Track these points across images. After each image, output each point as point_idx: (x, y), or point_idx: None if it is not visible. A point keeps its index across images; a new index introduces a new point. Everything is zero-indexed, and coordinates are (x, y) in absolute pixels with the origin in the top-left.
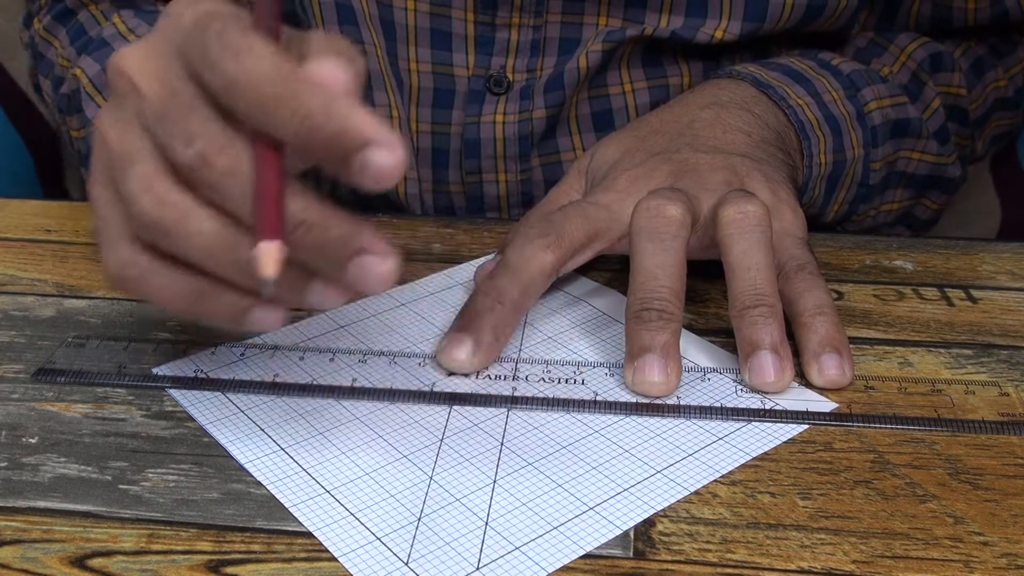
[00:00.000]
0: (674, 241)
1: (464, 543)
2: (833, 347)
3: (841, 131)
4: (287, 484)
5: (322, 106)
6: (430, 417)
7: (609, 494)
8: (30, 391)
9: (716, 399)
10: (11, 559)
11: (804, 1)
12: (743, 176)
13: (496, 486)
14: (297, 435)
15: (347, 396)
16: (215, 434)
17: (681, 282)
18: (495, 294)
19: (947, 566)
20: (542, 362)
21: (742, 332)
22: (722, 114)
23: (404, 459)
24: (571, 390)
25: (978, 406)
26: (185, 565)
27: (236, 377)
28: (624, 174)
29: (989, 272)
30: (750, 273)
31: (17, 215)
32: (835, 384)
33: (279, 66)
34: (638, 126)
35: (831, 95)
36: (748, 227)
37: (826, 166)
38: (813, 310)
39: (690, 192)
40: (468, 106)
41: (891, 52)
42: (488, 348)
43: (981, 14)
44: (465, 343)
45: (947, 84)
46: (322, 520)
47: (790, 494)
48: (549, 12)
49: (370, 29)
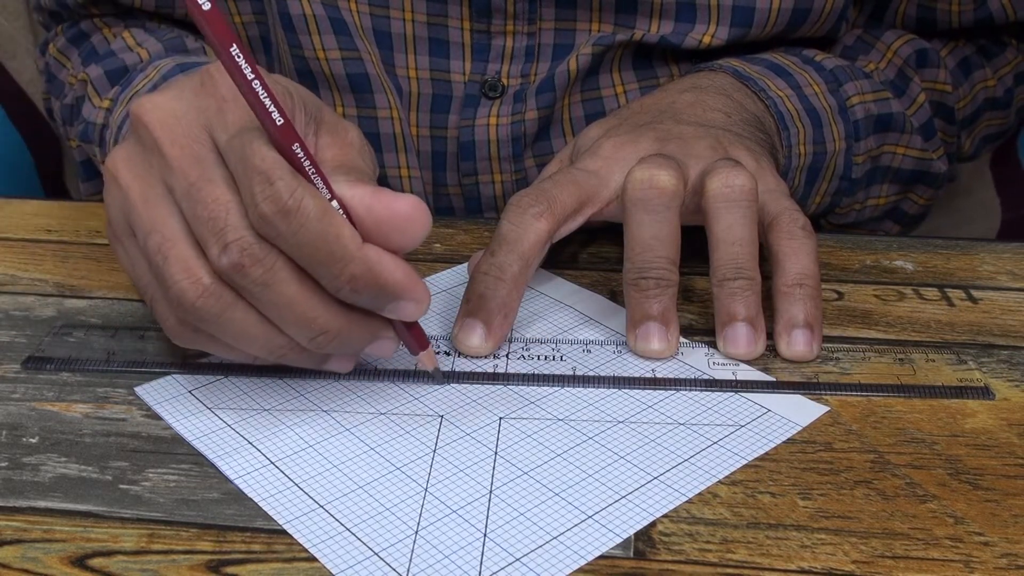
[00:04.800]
0: (667, 212)
1: (464, 555)
2: (807, 323)
3: (822, 123)
4: (279, 500)
5: (365, 271)
6: (421, 428)
7: (607, 501)
8: (30, 391)
9: (691, 372)
10: (11, 559)
11: (790, 7)
12: (726, 145)
13: (493, 496)
14: (286, 448)
15: (333, 376)
16: (202, 449)
17: (676, 249)
18: (496, 271)
19: (947, 566)
20: (522, 340)
21: (721, 302)
22: (702, 96)
23: (397, 471)
24: (552, 366)
25: (977, 410)
26: (185, 565)
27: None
28: (609, 141)
29: (989, 272)
30: (733, 248)
31: (17, 215)
32: (801, 358)
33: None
34: (619, 111)
35: (812, 88)
36: (734, 200)
37: (806, 157)
38: (796, 279)
39: (677, 158)
40: (463, 110)
41: (878, 49)
42: (499, 329)
43: (965, 16)
44: (476, 328)
45: (933, 80)
46: (318, 536)
47: (790, 494)
48: (542, 19)
49: (364, 40)
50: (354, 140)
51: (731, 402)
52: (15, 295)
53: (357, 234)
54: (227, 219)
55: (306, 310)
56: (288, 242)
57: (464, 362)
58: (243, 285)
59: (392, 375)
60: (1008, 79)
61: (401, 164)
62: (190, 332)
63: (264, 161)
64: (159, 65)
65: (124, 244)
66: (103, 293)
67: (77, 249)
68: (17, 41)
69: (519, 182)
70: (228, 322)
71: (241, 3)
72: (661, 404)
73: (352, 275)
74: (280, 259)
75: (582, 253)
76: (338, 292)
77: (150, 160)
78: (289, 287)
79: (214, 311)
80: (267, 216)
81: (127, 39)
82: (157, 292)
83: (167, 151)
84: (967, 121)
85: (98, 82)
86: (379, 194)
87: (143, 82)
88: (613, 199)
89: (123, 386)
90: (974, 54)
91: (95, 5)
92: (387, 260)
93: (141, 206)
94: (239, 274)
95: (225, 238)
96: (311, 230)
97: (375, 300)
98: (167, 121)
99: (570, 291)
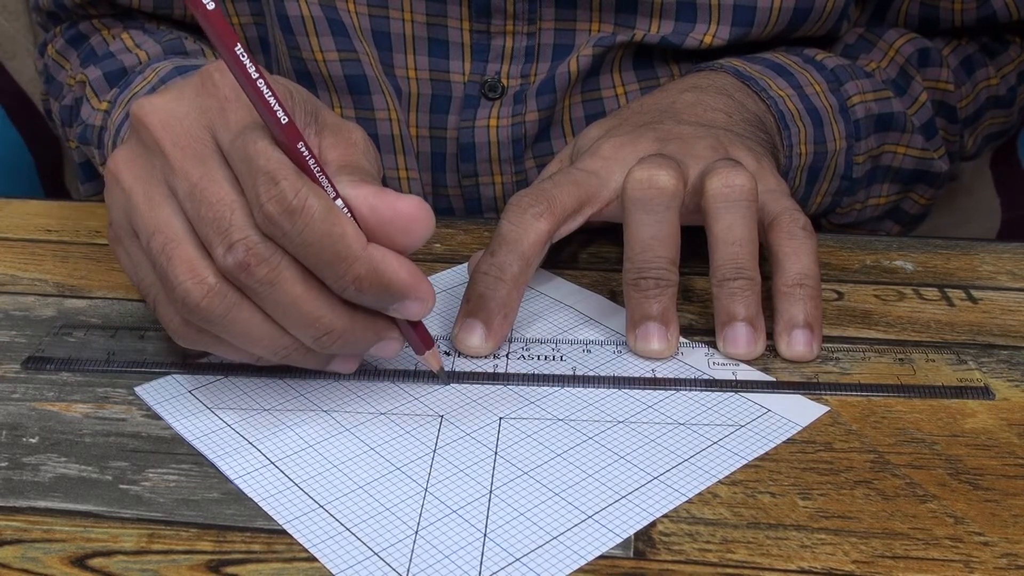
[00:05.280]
0: (667, 212)
1: (464, 555)
2: (807, 323)
3: (823, 123)
4: (279, 500)
5: (370, 271)
6: (421, 428)
7: (607, 502)
8: (30, 391)
9: (691, 372)
10: (11, 559)
11: (791, 6)
12: (727, 145)
13: (493, 496)
14: (286, 448)
15: (334, 376)
16: (202, 449)
17: (676, 249)
18: (496, 271)
19: (947, 566)
20: (522, 340)
21: (721, 302)
22: (702, 96)
23: (397, 471)
24: (552, 366)
25: (977, 410)
26: (185, 565)
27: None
28: (609, 141)
29: (989, 272)
30: (733, 248)
31: (18, 215)
32: (801, 358)
33: (331, 233)
34: (619, 111)
35: (813, 88)
36: (734, 200)
37: (807, 156)
38: (796, 279)
39: (677, 158)
40: (463, 111)
41: (879, 47)
42: (499, 329)
43: (967, 15)
44: (476, 328)
45: (935, 79)
46: (318, 536)
47: (790, 494)
48: (542, 20)
49: (362, 40)
50: (358, 141)
51: (731, 402)
52: (15, 295)
53: (362, 234)
54: (232, 219)
55: (311, 310)
56: (293, 242)
57: (464, 362)
58: (248, 285)
59: (392, 375)
60: (1011, 77)
61: (400, 166)
62: (194, 333)
63: (269, 161)
64: (157, 68)
65: (126, 245)
66: (103, 293)
67: (77, 249)
68: (17, 41)
69: (519, 183)
70: (233, 322)
71: (239, 4)
72: (661, 404)
73: (357, 275)
74: (285, 259)
75: (582, 253)
76: (343, 292)
77: (152, 161)
78: (294, 287)
79: (219, 311)
80: (272, 216)
81: (126, 40)
82: (160, 293)
83: (169, 152)
84: (970, 120)
85: (96, 83)
86: (383, 194)
87: (141, 84)
88: (613, 199)
89: (123, 386)
90: (977, 52)
91: (93, 6)
92: (391, 259)
93: (143, 207)
94: (244, 273)
95: (230, 238)
96: (316, 230)
97: (380, 300)
98: (168, 122)
99: (570, 291)
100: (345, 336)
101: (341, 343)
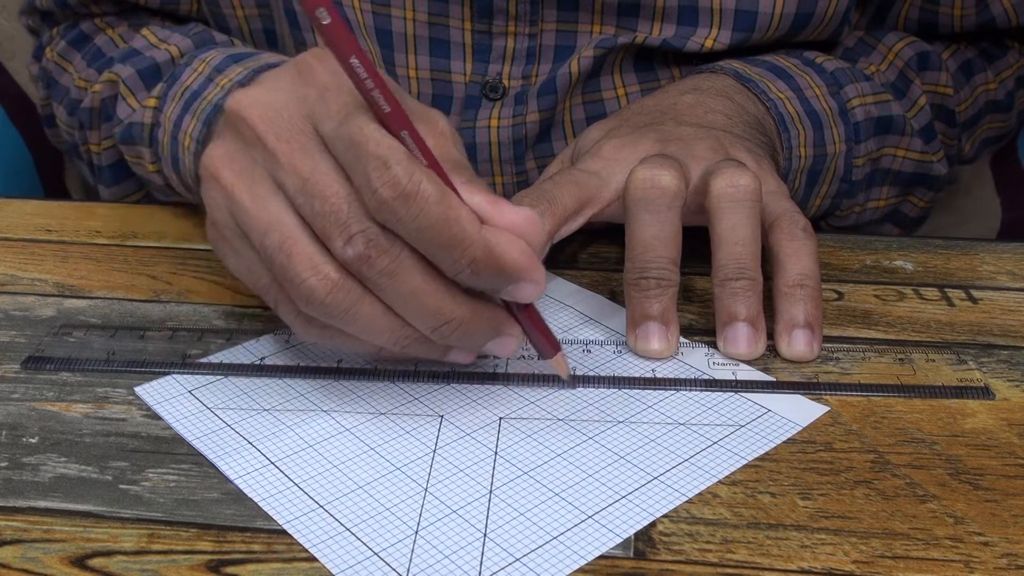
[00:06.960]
0: (669, 212)
1: (464, 555)
2: (807, 323)
3: (822, 125)
4: (279, 500)
5: (486, 253)
6: (421, 428)
7: (607, 502)
8: (30, 391)
9: (691, 372)
10: (11, 559)
11: (792, 11)
12: (727, 147)
13: (493, 496)
14: (286, 448)
15: (333, 376)
16: (202, 449)
17: (677, 250)
18: None
19: (947, 566)
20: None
21: (722, 301)
22: (703, 98)
23: (397, 471)
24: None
25: (977, 410)
26: (185, 565)
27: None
28: (610, 142)
29: (989, 272)
30: (736, 248)
31: (17, 215)
32: (801, 358)
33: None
34: (620, 112)
35: (813, 91)
36: (738, 200)
37: (806, 159)
38: (796, 279)
39: (679, 159)
40: (464, 111)
41: (879, 51)
42: None
43: (967, 20)
44: None
45: (934, 83)
46: (318, 536)
47: (790, 494)
48: (544, 20)
49: (365, 38)
50: (445, 129)
51: (731, 402)
52: (15, 295)
53: (474, 216)
54: (348, 211)
55: (431, 300)
56: (408, 227)
57: None
58: (369, 276)
59: (392, 375)
60: (1009, 82)
61: None
62: (317, 329)
63: (379, 146)
64: (206, 58)
65: (235, 245)
66: (103, 293)
67: (77, 249)
68: (17, 41)
69: (520, 184)
70: (357, 316)
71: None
72: (661, 404)
73: (473, 257)
74: (405, 248)
75: (582, 253)
76: (458, 275)
77: (253, 156)
78: (414, 276)
79: (344, 305)
80: (387, 201)
81: (148, 37)
82: (279, 292)
83: (272, 145)
84: (968, 124)
85: (131, 81)
86: (497, 204)
87: (192, 76)
88: (614, 200)
89: (123, 386)
90: (976, 57)
91: (96, 3)
92: (505, 241)
93: (250, 205)
94: (366, 265)
95: (349, 230)
96: (432, 214)
97: (494, 282)
98: (268, 115)
99: (570, 291)
100: (464, 327)
101: (459, 334)
